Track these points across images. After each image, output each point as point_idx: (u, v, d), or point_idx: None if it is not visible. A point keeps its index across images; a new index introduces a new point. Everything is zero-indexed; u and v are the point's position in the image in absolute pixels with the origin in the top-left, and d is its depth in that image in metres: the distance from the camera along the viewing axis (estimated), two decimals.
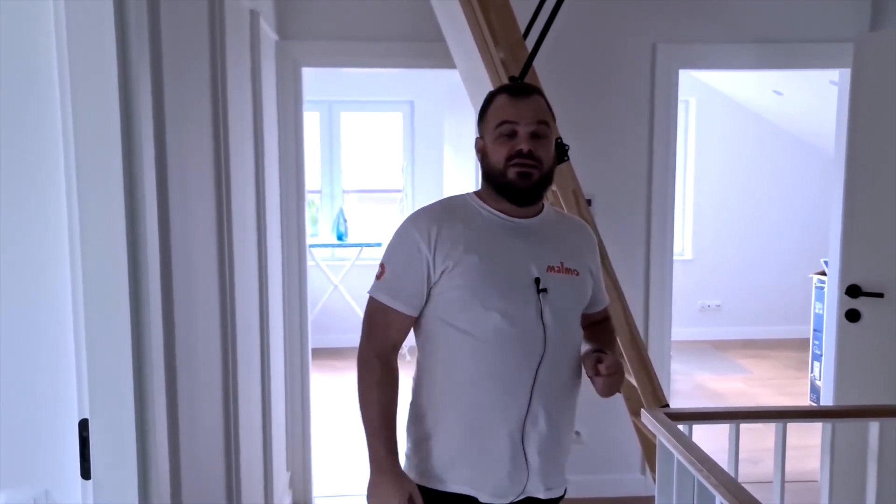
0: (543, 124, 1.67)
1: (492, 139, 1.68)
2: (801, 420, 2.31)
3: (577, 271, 1.73)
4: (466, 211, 1.72)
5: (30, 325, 1.28)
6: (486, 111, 1.73)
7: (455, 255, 1.64)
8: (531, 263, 1.67)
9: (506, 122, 1.65)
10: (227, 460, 2.24)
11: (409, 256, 1.67)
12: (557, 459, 1.74)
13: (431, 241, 1.65)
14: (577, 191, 2.50)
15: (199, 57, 2.03)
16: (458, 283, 1.63)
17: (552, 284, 1.67)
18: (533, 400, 1.65)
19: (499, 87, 1.77)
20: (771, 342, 6.71)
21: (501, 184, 1.67)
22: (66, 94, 1.25)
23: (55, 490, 1.31)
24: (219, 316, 2.17)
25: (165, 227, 1.57)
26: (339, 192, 6.85)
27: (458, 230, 1.67)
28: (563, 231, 1.80)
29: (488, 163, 1.69)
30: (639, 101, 3.59)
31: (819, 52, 3.58)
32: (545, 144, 1.67)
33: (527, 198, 1.69)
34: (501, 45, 2.44)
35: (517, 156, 1.64)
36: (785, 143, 6.81)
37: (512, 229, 1.71)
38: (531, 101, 1.69)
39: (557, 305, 1.68)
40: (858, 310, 3.12)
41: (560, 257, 1.71)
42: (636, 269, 3.66)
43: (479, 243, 1.66)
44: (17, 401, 1.29)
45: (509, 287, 1.64)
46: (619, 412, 3.28)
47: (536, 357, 1.65)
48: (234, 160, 2.39)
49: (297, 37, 3.47)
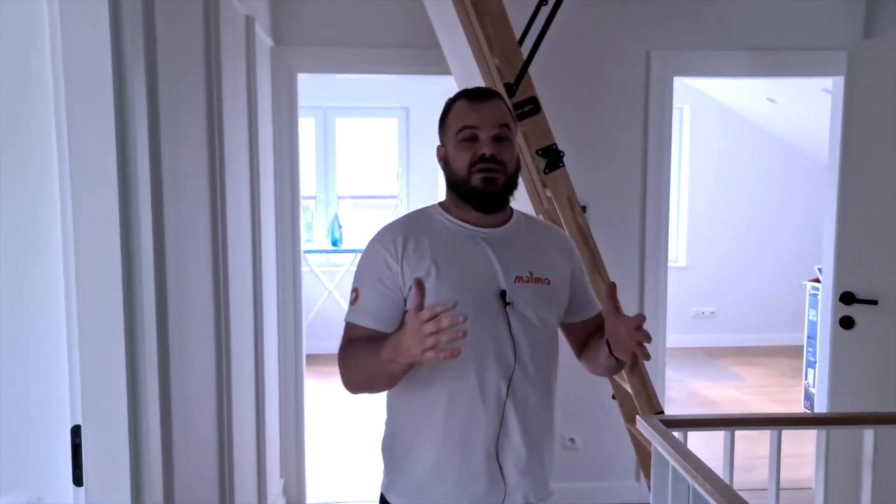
0: (505, 127, 1.63)
1: (453, 145, 1.64)
2: (796, 427, 2.31)
3: (547, 280, 1.68)
4: (431, 224, 1.68)
5: (22, 331, 1.28)
6: (445, 118, 1.69)
7: (422, 269, 1.60)
8: (498, 274, 1.63)
9: (467, 127, 1.62)
10: (221, 467, 2.23)
11: (380, 274, 1.62)
12: (537, 473, 1.69)
13: (399, 255, 1.61)
14: (572, 197, 2.50)
15: (194, 62, 2.03)
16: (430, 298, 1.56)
17: (519, 296, 1.63)
18: (506, 414, 1.62)
19: (457, 93, 1.72)
20: (765, 349, 6.73)
21: (466, 191, 1.63)
22: (61, 99, 1.24)
23: (47, 496, 1.30)
24: (213, 321, 2.16)
25: (160, 231, 1.57)
26: (333, 198, 6.85)
27: (423, 243, 1.63)
28: (534, 238, 1.74)
29: (451, 170, 1.66)
30: (633, 108, 3.60)
31: (812, 60, 3.60)
32: (508, 148, 1.64)
33: (493, 203, 1.65)
34: (497, 52, 2.45)
35: (480, 160, 1.60)
36: (778, 151, 6.84)
37: (478, 239, 1.66)
38: (491, 104, 1.65)
39: (526, 317, 1.63)
40: (852, 317, 3.13)
41: (529, 266, 1.67)
42: (630, 276, 3.67)
43: (444, 256, 1.62)
44: (9, 407, 1.28)
45: (476, 300, 1.60)
46: (614, 419, 3.28)
47: (507, 370, 1.61)
48: (229, 165, 2.38)
49: (292, 43, 3.48)
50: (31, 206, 1.26)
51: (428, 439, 1.64)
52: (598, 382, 3.08)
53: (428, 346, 1.37)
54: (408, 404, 1.67)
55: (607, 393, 3.02)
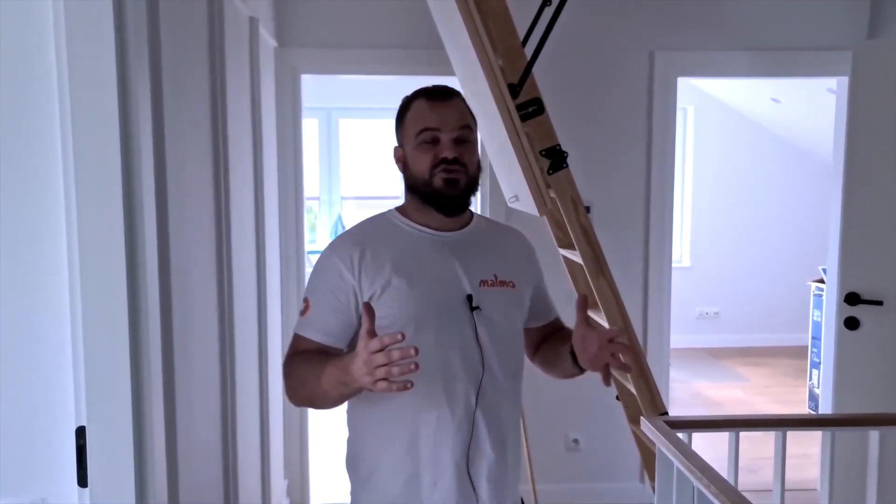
0: (467, 129, 1.59)
1: (413, 147, 1.59)
2: (801, 428, 2.31)
3: (511, 283, 1.65)
4: (390, 230, 1.63)
5: (27, 333, 1.28)
6: (403, 118, 1.63)
7: (381, 280, 1.54)
8: (462, 279, 1.58)
9: (427, 129, 1.57)
10: (225, 468, 2.23)
11: (334, 287, 1.56)
12: (507, 483, 1.65)
13: (354, 266, 1.55)
14: (576, 198, 2.49)
15: (198, 64, 2.03)
16: (388, 311, 1.52)
17: (486, 300, 1.59)
18: (476, 424, 1.57)
19: (415, 92, 1.64)
20: (769, 350, 6.72)
21: (427, 193, 1.58)
22: (66, 102, 1.24)
23: (52, 498, 1.30)
24: (217, 322, 2.16)
25: (164, 233, 1.57)
26: (337, 199, 6.85)
27: (383, 252, 1.57)
28: (496, 241, 1.71)
29: (411, 173, 1.60)
30: (637, 108, 3.60)
31: (817, 60, 3.59)
32: (470, 150, 1.59)
33: (455, 205, 1.60)
34: (500, 53, 2.44)
35: (442, 163, 1.55)
36: (783, 151, 6.83)
37: (440, 244, 1.61)
38: (452, 105, 1.59)
39: (493, 321, 1.59)
40: (857, 318, 3.12)
41: (493, 269, 1.62)
42: (634, 277, 3.66)
43: (405, 264, 1.57)
44: (14, 408, 1.28)
45: (441, 307, 1.55)
46: (618, 420, 3.28)
47: (476, 379, 1.57)
48: (233, 166, 2.39)
49: (296, 44, 3.48)
50: (35, 208, 1.27)
51: (394, 457, 1.58)
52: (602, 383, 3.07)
53: (379, 377, 1.32)
54: (369, 422, 1.62)
55: (611, 394, 3.01)
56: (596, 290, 2.53)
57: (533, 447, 3.68)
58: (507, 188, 2.79)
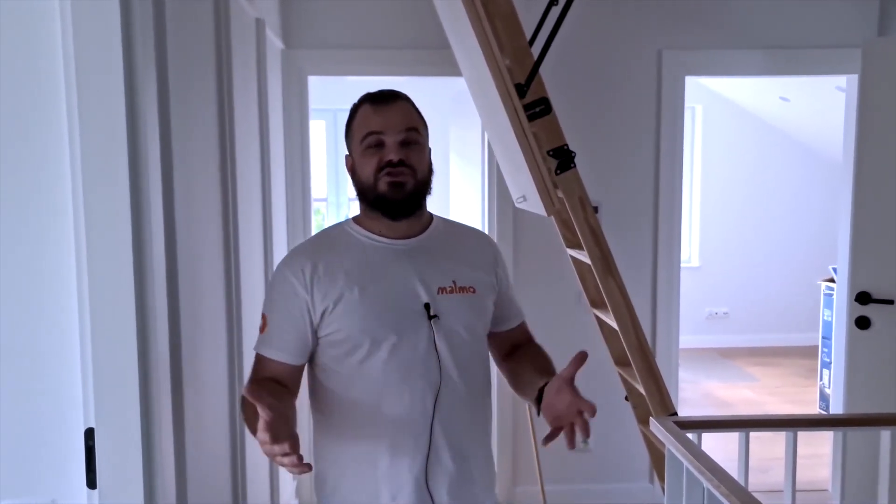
0: (413, 131, 1.55)
1: (359, 153, 1.55)
2: (812, 428, 2.29)
3: (472, 288, 1.60)
4: (343, 241, 1.60)
5: (36, 334, 1.28)
6: (351, 124, 1.59)
7: (334, 293, 1.51)
8: (418, 287, 1.55)
9: (372, 133, 1.53)
10: (234, 469, 2.23)
11: (288, 302, 1.54)
12: (473, 494, 1.61)
13: (307, 280, 1.52)
14: (584, 198, 2.49)
15: (205, 65, 2.04)
16: (342, 323, 1.51)
17: (444, 308, 1.55)
18: (434, 436, 1.54)
19: (361, 98, 1.61)
20: (779, 350, 6.68)
21: (373, 198, 1.54)
22: (73, 103, 1.25)
23: (61, 499, 1.31)
24: (225, 323, 2.16)
25: (171, 235, 1.57)
26: (345, 201, 6.85)
27: (335, 264, 1.54)
28: (455, 245, 1.66)
29: (358, 178, 1.57)
30: (645, 107, 3.59)
31: (826, 58, 3.57)
32: (418, 151, 1.55)
33: (402, 209, 1.55)
34: (507, 53, 2.44)
35: (387, 166, 1.52)
36: (792, 150, 6.80)
37: (395, 252, 1.58)
38: (397, 107, 1.56)
39: (452, 329, 1.56)
40: (868, 317, 3.10)
41: (452, 276, 1.58)
42: (643, 277, 3.65)
43: (359, 274, 1.53)
44: (23, 410, 1.29)
45: (398, 318, 1.52)
46: (627, 420, 3.26)
47: (433, 389, 1.53)
48: (241, 169, 2.39)
49: (302, 46, 3.48)
50: (43, 208, 1.27)
51: (354, 472, 1.57)
52: (611, 383, 3.06)
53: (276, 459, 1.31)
54: (330, 438, 1.60)
55: (620, 394, 3.01)
56: (604, 290, 2.52)
57: (542, 448, 3.67)
58: (515, 189, 2.78)
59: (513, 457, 3.72)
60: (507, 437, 3.69)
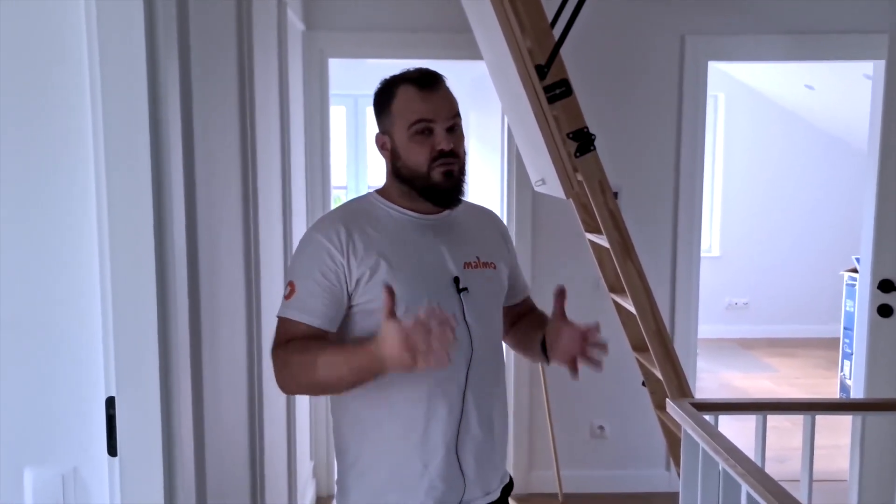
0: (458, 117, 1.57)
1: (405, 138, 1.55)
2: (831, 412, 2.28)
3: (493, 263, 1.65)
4: (373, 214, 1.60)
5: (57, 304, 1.30)
6: (390, 104, 1.58)
7: (369, 263, 1.52)
8: (448, 262, 1.58)
9: (422, 119, 1.53)
10: (252, 443, 2.26)
11: (323, 266, 1.52)
12: (493, 462, 1.65)
13: (343, 246, 1.52)
14: (604, 182, 2.48)
15: (226, 49, 2.04)
16: (377, 293, 1.47)
17: (471, 281, 1.59)
18: (466, 405, 1.56)
19: (400, 77, 1.59)
20: (799, 341, 6.63)
21: (424, 186, 1.56)
22: (97, 86, 1.26)
23: (83, 467, 1.33)
24: (244, 299, 2.18)
25: (192, 212, 1.58)
26: (364, 188, 6.87)
27: (369, 235, 1.55)
28: (474, 222, 1.71)
29: (404, 164, 1.57)
30: (667, 93, 3.56)
31: (852, 44, 3.52)
32: (460, 137, 1.58)
33: (454, 198, 1.59)
34: (528, 34, 2.43)
35: (441, 156, 1.53)
36: (816, 139, 6.72)
37: (424, 228, 1.60)
38: (443, 94, 1.57)
39: (479, 303, 1.59)
40: (891, 305, 3.06)
41: (476, 251, 1.63)
42: (662, 266, 3.63)
43: (393, 248, 1.55)
44: (45, 379, 1.31)
45: (432, 291, 1.53)
46: (644, 407, 3.26)
47: (465, 360, 1.56)
48: (261, 154, 2.40)
49: (323, 27, 3.49)
50: (66, 186, 1.29)
51: (384, 444, 1.57)
52: (628, 369, 3.06)
53: (422, 351, 1.32)
54: (356, 409, 1.59)
55: (637, 380, 3.00)
56: (623, 274, 2.51)
57: (558, 434, 3.67)
58: (534, 171, 2.77)
59: (529, 442, 3.73)
60: (524, 422, 3.70)
